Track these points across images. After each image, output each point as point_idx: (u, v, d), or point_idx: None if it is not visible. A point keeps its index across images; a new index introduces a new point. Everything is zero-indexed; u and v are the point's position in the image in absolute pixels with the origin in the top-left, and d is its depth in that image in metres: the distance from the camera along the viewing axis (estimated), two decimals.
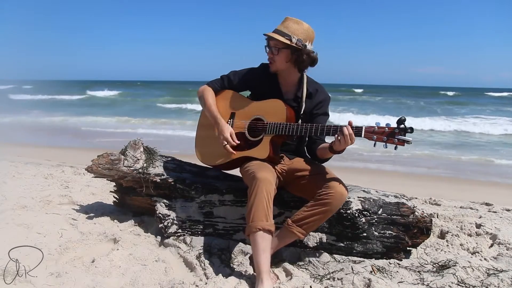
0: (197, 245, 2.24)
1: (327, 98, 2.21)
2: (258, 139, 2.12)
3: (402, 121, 1.72)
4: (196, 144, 2.38)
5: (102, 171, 2.49)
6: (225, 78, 2.30)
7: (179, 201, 2.39)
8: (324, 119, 2.18)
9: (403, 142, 1.71)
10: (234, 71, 2.30)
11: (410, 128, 1.71)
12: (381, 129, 1.76)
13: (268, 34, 2.07)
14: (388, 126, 1.75)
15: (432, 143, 10.02)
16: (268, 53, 2.11)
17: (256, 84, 2.24)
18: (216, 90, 2.31)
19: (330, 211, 1.92)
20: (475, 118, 16.32)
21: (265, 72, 2.20)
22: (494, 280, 1.86)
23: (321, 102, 2.18)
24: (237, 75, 2.28)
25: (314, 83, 2.22)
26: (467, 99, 31.00)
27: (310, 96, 2.17)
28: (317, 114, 2.17)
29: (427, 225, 2.19)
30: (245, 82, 2.27)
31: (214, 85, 2.31)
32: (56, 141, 9.33)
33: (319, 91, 2.20)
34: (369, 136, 1.78)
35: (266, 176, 1.88)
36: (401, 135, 1.71)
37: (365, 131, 1.79)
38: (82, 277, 1.87)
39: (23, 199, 2.91)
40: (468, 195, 4.47)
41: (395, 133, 1.72)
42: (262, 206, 1.82)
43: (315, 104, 2.17)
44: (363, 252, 2.18)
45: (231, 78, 2.29)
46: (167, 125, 13.22)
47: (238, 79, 2.28)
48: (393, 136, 1.72)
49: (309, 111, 2.17)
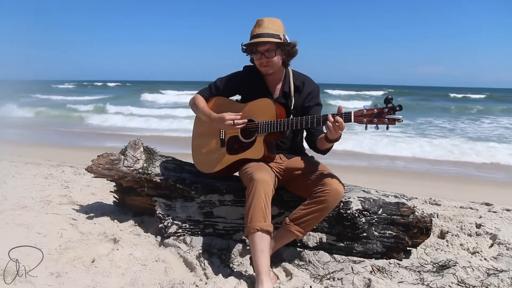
0: (197, 245, 2.24)
1: (316, 88, 2.21)
2: (252, 140, 2.14)
3: (389, 99, 1.72)
4: (193, 154, 2.40)
5: (102, 171, 2.49)
6: (213, 86, 2.32)
7: (179, 201, 2.39)
8: (317, 109, 2.18)
9: (394, 121, 1.72)
10: (220, 78, 2.32)
11: (399, 105, 1.71)
12: (369, 111, 1.76)
13: (260, 40, 2.03)
14: (377, 107, 1.75)
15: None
16: (261, 59, 2.08)
17: (243, 86, 2.25)
18: (206, 98, 2.33)
19: (327, 209, 1.92)
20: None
21: (250, 73, 2.22)
22: (494, 280, 1.86)
23: (310, 93, 2.18)
24: (223, 81, 2.30)
25: (300, 76, 2.22)
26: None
27: (298, 90, 2.18)
28: (309, 107, 2.17)
29: (427, 225, 2.19)
30: (232, 87, 2.29)
31: (203, 94, 2.34)
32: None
33: (306, 83, 2.20)
34: (359, 120, 1.78)
35: (264, 177, 1.88)
36: (390, 114, 1.72)
37: (354, 116, 1.79)
38: (82, 277, 1.87)
39: (23, 199, 2.91)
40: (468, 195, 4.47)
41: (384, 112, 1.73)
42: (260, 207, 1.82)
43: (305, 96, 2.17)
44: (363, 252, 2.18)
45: (218, 84, 2.31)
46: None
47: (225, 85, 2.29)
48: (383, 116, 1.73)
49: (300, 105, 2.17)
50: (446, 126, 13.33)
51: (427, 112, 18.42)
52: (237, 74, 2.29)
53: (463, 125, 14.00)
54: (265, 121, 2.07)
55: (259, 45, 2.06)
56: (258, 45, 2.06)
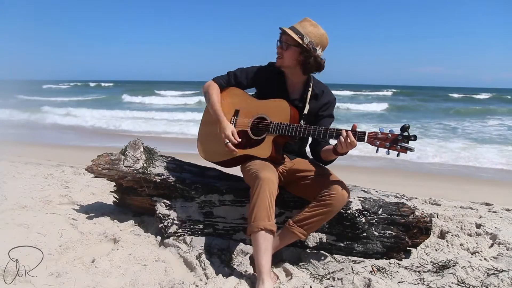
0: (197, 245, 2.24)
1: (333, 100, 2.20)
2: (261, 138, 2.11)
3: (405, 128, 1.70)
4: (199, 140, 2.37)
5: (102, 171, 2.49)
6: (232, 75, 2.29)
7: (179, 201, 2.39)
8: (329, 121, 2.18)
9: (406, 150, 1.70)
10: (241, 68, 2.30)
11: (414, 136, 1.69)
12: (384, 135, 1.75)
13: (283, 28, 2.07)
14: (392, 133, 1.74)
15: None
16: (277, 47, 2.11)
17: (263, 82, 2.24)
18: (222, 86, 2.29)
19: (331, 212, 1.92)
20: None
21: (272, 71, 2.20)
22: (494, 280, 1.86)
23: (327, 104, 2.17)
24: (244, 73, 2.27)
25: (320, 85, 2.21)
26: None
27: (316, 97, 2.17)
28: (322, 116, 2.16)
29: (427, 225, 2.19)
30: (252, 80, 2.26)
31: (220, 81, 2.30)
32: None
33: (325, 92, 2.19)
34: (372, 141, 1.77)
35: (269, 176, 1.87)
36: (404, 142, 1.70)
37: (368, 137, 1.79)
38: (82, 277, 1.87)
39: (23, 199, 2.91)
40: (468, 195, 4.47)
41: (398, 140, 1.71)
42: (264, 206, 1.82)
43: (321, 105, 2.16)
44: (363, 252, 2.18)
45: (238, 75, 2.28)
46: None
47: (245, 77, 2.27)
48: (396, 143, 1.71)
49: (314, 112, 2.16)
50: (449, 126, 13.23)
51: (429, 113, 18.35)
52: (261, 68, 2.27)
53: (467, 125, 13.93)
54: (278, 123, 2.05)
55: (283, 33, 2.07)
56: (283, 33, 2.08)
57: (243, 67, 2.30)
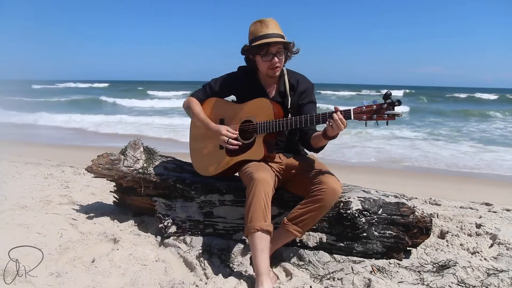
0: (197, 245, 2.24)
1: (310, 86, 2.20)
2: (251, 140, 2.13)
3: (388, 95, 1.72)
4: (191, 157, 2.39)
5: (102, 171, 2.49)
6: (207, 87, 2.30)
7: (179, 201, 2.39)
8: (311, 107, 2.17)
9: (393, 116, 1.72)
10: (215, 79, 2.31)
11: (398, 101, 1.71)
12: (368, 107, 1.76)
13: (273, 40, 2.00)
14: (376, 103, 1.75)
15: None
16: (272, 61, 2.04)
17: (238, 87, 2.24)
18: (201, 99, 2.30)
19: (324, 207, 1.91)
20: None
21: (245, 74, 2.21)
22: (494, 280, 1.86)
23: (305, 91, 2.17)
24: (218, 82, 2.28)
25: (294, 74, 2.21)
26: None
27: (293, 88, 2.17)
28: (303, 104, 2.16)
29: (427, 225, 2.19)
30: (227, 87, 2.27)
31: (197, 95, 2.31)
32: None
33: (301, 81, 2.19)
34: (359, 116, 1.78)
35: (264, 176, 1.88)
36: (390, 109, 1.72)
37: (353, 113, 1.79)
38: (82, 277, 1.87)
39: (23, 199, 2.91)
40: (468, 195, 4.46)
41: (383, 108, 1.73)
42: (260, 207, 1.82)
43: (299, 94, 2.16)
44: (363, 252, 2.18)
45: (213, 85, 2.29)
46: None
47: (220, 86, 2.27)
48: (382, 112, 1.73)
49: (295, 103, 2.16)
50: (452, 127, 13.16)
51: (429, 113, 18.32)
52: (232, 74, 2.27)
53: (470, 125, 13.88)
54: (263, 121, 2.06)
55: (271, 45, 2.01)
56: (271, 46, 2.02)
57: (216, 78, 2.31)
